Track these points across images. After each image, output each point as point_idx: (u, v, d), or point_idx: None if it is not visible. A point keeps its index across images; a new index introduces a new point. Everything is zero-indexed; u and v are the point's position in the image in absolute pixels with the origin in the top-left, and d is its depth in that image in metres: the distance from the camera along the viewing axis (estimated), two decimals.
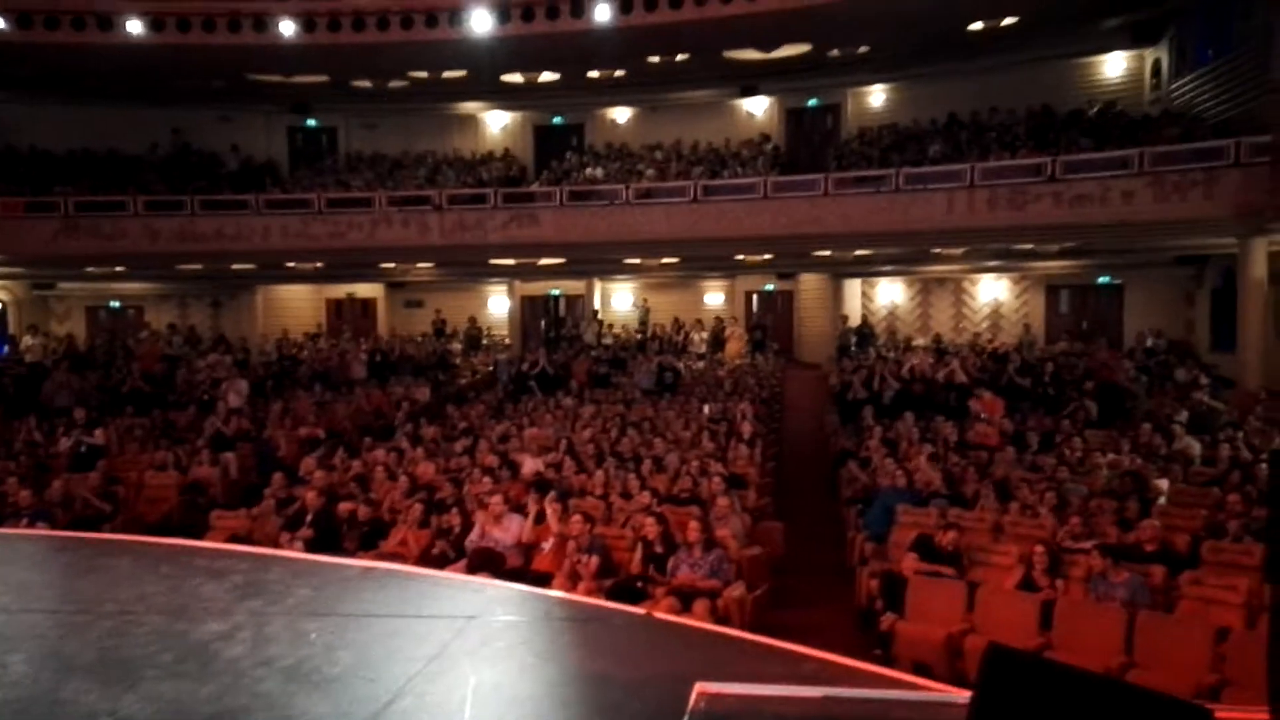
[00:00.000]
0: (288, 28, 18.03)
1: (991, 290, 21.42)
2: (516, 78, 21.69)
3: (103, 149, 21.78)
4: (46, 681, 3.63)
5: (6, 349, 19.84)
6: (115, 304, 24.48)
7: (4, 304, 23.41)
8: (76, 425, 11.54)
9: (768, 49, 19.88)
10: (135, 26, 17.82)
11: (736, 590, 6.80)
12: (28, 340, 19.86)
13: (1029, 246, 18.59)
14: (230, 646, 4.09)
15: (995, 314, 21.34)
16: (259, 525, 8.50)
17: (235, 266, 21.39)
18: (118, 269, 21.54)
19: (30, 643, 4.12)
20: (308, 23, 18.14)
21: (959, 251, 19.56)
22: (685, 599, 6.55)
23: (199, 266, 21.23)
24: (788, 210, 17.83)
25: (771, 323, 22.50)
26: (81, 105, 21.89)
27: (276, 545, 7.82)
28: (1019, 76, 19.42)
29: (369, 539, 7.98)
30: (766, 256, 20.79)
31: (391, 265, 21.98)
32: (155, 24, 17.97)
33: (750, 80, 21.87)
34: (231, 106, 22.79)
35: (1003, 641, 1.97)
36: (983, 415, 12.89)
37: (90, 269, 21.46)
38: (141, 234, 18.83)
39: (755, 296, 23.40)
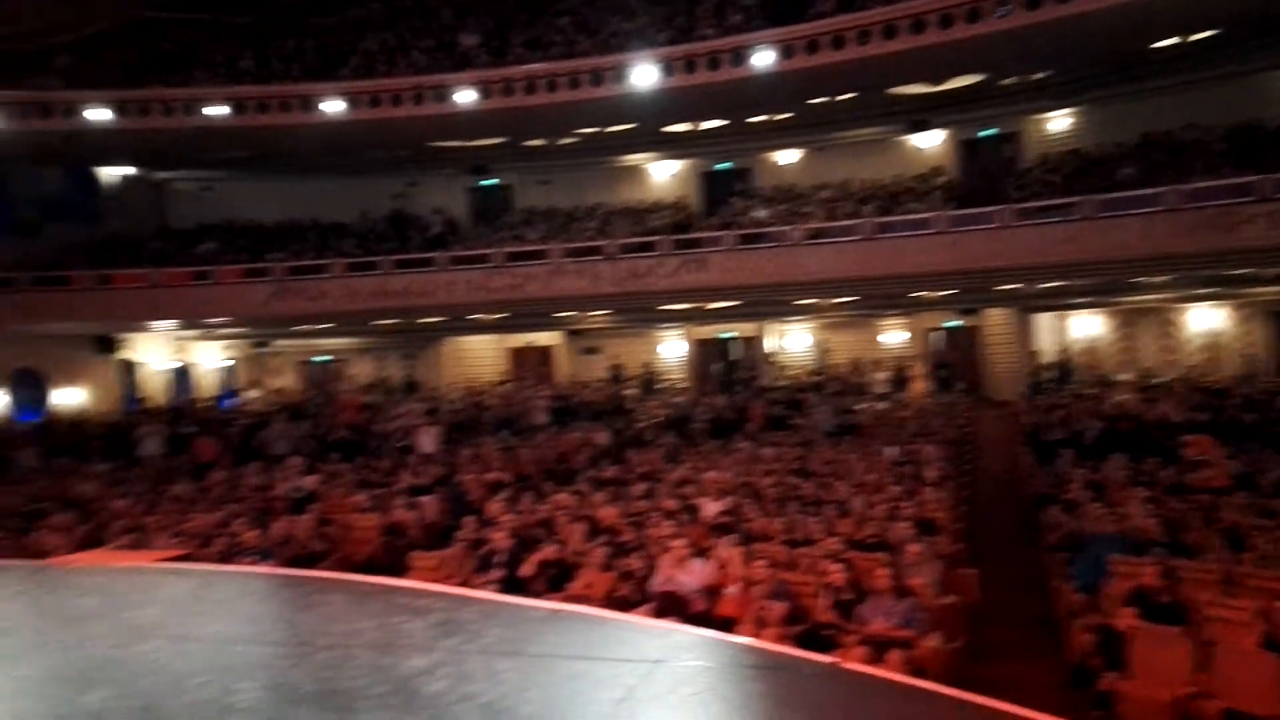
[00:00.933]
0: (466, 96, 19.19)
1: (1205, 319, 19.74)
2: (681, 126, 22.10)
3: (308, 218, 23.75)
4: (274, 709, 3.87)
5: (237, 400, 21.83)
6: (322, 358, 26.50)
7: (230, 361, 25.82)
8: (292, 472, 12.47)
9: (937, 82, 19.37)
10: (331, 105, 19.46)
11: (933, 641, 6.46)
12: (250, 394, 21.74)
13: (1246, 271, 17.04)
14: (432, 682, 4.23)
15: (1211, 345, 19.62)
16: (452, 566, 8.83)
17: (424, 320, 22.68)
18: (323, 326, 23.31)
19: (260, 672, 4.42)
20: (484, 90, 19.25)
21: (1163, 279, 18.17)
22: (877, 649, 6.27)
23: (393, 321, 22.66)
24: (966, 244, 17.17)
25: (956, 360, 21.59)
26: (288, 180, 24.07)
27: (469, 585, 8.10)
28: (1217, 92, 18.00)
29: (555, 581, 8.13)
30: (946, 293, 20.05)
31: (568, 314, 22.69)
32: (351, 102, 19.56)
33: (920, 114, 21.35)
34: (416, 172, 24.39)
35: (1242, 707, 1.75)
36: (1199, 456, 11.78)
37: (299, 327, 23.34)
38: (342, 294, 20.33)
39: (938, 333, 22.57)
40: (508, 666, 4.44)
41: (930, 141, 22.13)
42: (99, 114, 18.88)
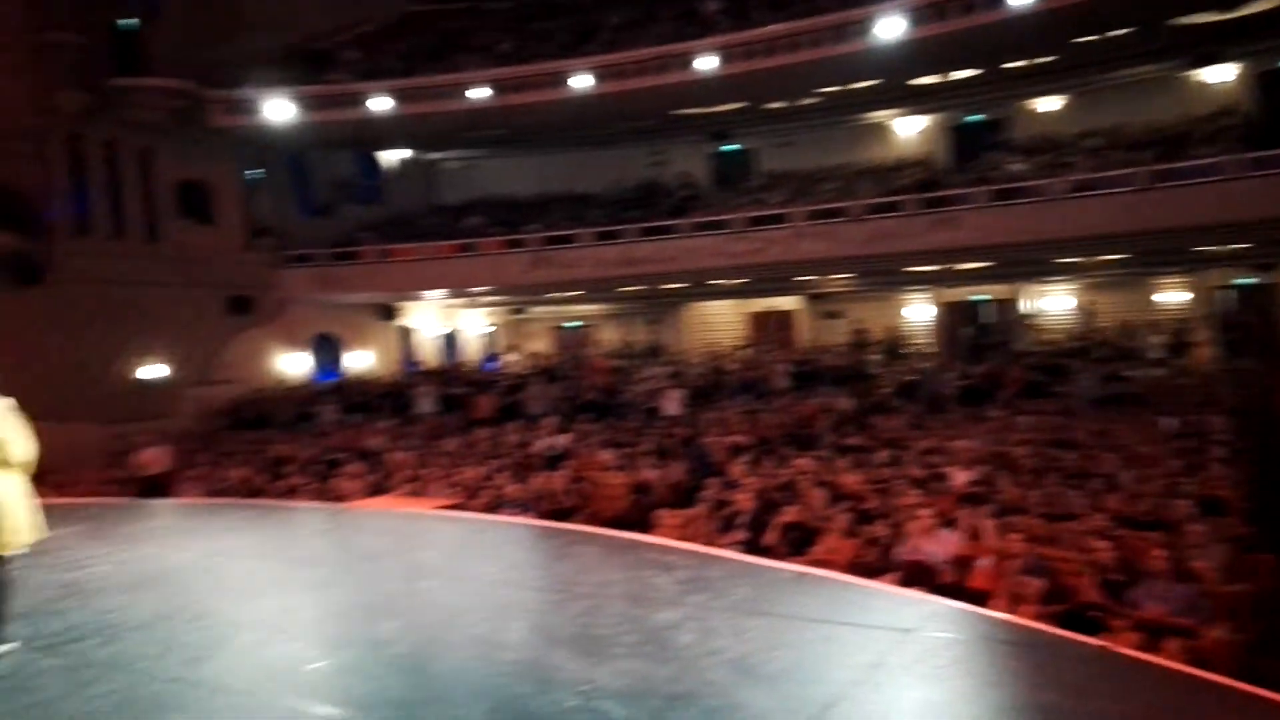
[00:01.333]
0: (707, 63, 19.24)
1: None
2: (929, 79, 20.97)
3: (560, 190, 24.90)
4: (538, 649, 4.23)
5: (498, 364, 23.57)
6: (573, 324, 27.92)
7: (491, 327, 27.83)
8: (548, 430, 13.31)
9: (1231, 7, 17.05)
10: (580, 81, 20.14)
11: (1218, 631, 5.86)
12: (510, 358, 23.35)
13: None
14: (681, 634, 4.44)
15: None
16: (696, 525, 9.08)
17: (667, 286, 23.21)
18: (574, 294, 24.46)
19: (524, 614, 4.83)
20: (725, 55, 19.20)
21: None
22: (1152, 635, 5.79)
23: (638, 288, 23.36)
24: (1269, 190, 15.13)
25: (1249, 321, 19.20)
26: (542, 155, 25.33)
27: (712, 544, 8.30)
28: None
29: (797, 545, 8.15)
30: (1239, 246, 17.82)
31: (809, 278, 22.37)
32: (599, 75, 20.19)
33: (1208, 46, 18.91)
34: (660, 141, 24.82)
35: None
36: None
37: (553, 295, 24.64)
38: (591, 263, 21.20)
39: (1227, 292, 20.16)
40: (755, 625, 4.58)
41: (1220, 76, 19.61)
42: (381, 103, 20.69)
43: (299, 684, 3.78)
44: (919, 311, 23.55)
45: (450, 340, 26.98)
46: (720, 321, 25.71)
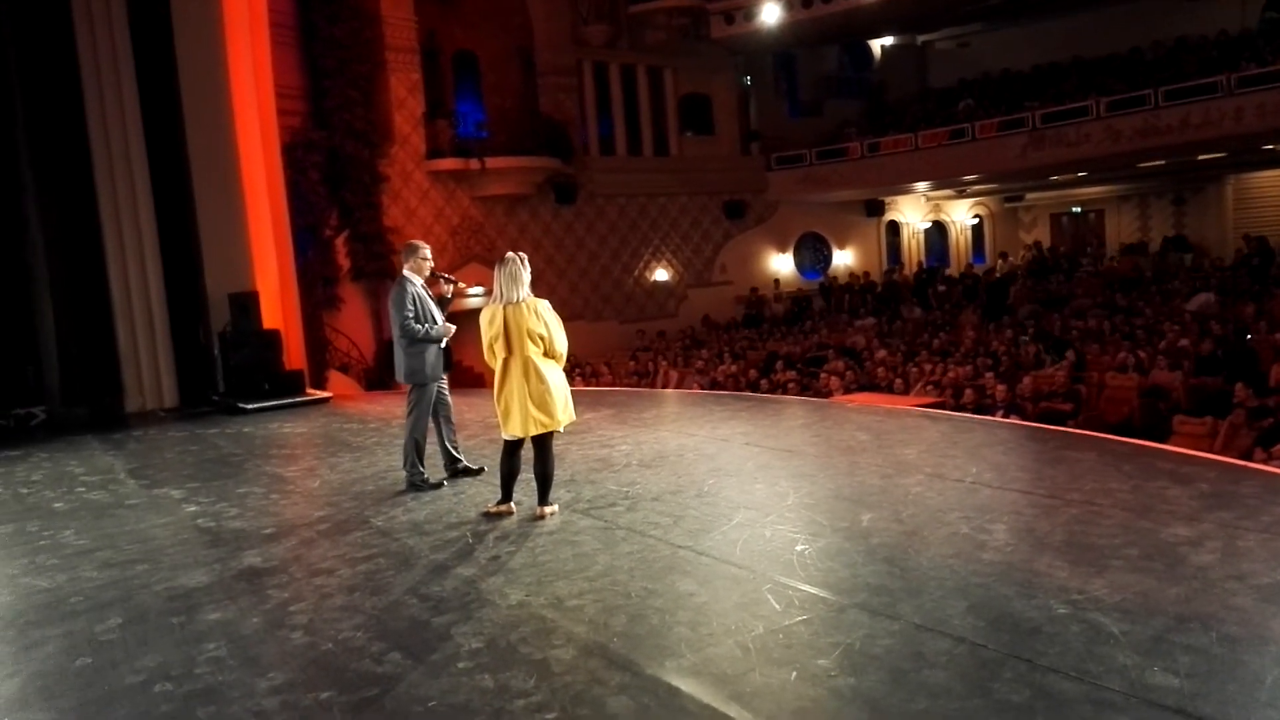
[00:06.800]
0: None
1: None
2: None
3: (1067, 58, 22.19)
4: (1023, 553, 4.03)
5: (985, 260, 22.29)
6: (1076, 209, 25.16)
7: (980, 218, 26.26)
8: (1045, 327, 12.33)
9: None
10: None
11: None
12: (1000, 251, 21.90)
13: None
14: (1198, 553, 3.92)
15: None
16: (1227, 435, 7.86)
17: (1201, 157, 19.74)
18: (1080, 175, 21.97)
19: (1008, 517, 4.62)
20: None
21: None
22: None
23: (1161, 162, 20.22)
24: None
25: None
26: (1046, 21, 22.70)
27: (1245, 458, 7.11)
28: None
29: None
30: None
31: None
32: None
33: None
34: None
35: None
36: None
37: (1054, 178, 22.37)
38: (1103, 136, 18.70)
39: None
40: None
41: None
42: None
43: (787, 563, 4.07)
44: None
45: (935, 234, 26.07)
46: (1271, 196, 21.34)
